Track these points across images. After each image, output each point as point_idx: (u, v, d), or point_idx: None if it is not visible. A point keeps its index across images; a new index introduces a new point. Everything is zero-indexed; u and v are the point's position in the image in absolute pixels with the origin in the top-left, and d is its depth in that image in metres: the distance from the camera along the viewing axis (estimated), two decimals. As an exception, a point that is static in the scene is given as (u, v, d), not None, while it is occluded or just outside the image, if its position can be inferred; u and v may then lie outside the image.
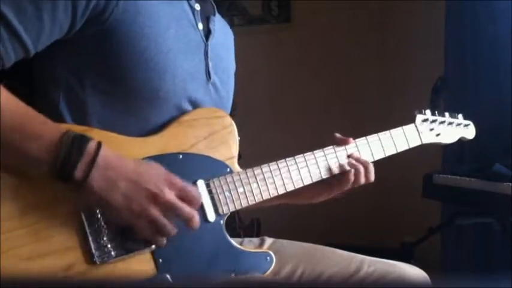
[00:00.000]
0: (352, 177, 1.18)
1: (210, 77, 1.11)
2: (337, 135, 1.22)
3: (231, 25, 1.29)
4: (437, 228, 2.42)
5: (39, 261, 0.89)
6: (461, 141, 1.45)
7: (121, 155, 0.92)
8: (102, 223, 0.93)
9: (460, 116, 1.44)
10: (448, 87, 2.44)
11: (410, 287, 1.11)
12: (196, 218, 0.95)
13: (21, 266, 0.87)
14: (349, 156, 1.20)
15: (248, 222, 2.78)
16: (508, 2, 2.23)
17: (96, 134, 0.94)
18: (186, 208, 0.93)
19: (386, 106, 3.09)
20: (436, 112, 1.38)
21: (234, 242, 1.07)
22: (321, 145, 1.19)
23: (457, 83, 2.50)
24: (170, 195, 0.92)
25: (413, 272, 1.21)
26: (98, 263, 0.92)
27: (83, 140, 0.88)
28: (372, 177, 1.21)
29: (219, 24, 1.18)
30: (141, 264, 0.96)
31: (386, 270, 1.19)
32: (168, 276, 0.97)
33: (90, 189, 0.88)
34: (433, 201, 2.41)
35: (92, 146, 0.88)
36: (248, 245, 1.27)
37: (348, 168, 1.18)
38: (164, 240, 0.95)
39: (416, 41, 3.00)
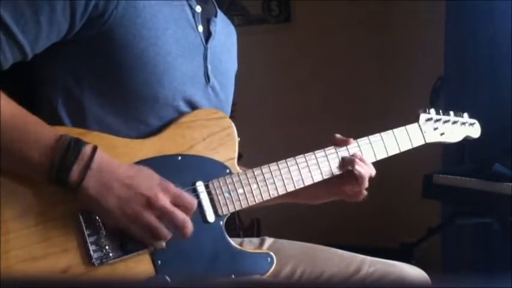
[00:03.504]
0: (359, 176, 1.16)
1: (209, 80, 1.10)
2: (338, 136, 1.20)
3: (231, 25, 1.29)
4: (437, 228, 2.42)
5: (37, 263, 0.88)
6: (462, 141, 1.44)
7: (116, 160, 0.92)
8: (100, 224, 0.92)
9: (466, 114, 1.41)
10: (448, 87, 2.44)
11: (411, 287, 1.11)
12: (189, 225, 0.94)
13: (19, 268, 0.87)
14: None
15: (248, 222, 2.77)
16: (508, 2, 2.22)
17: (93, 137, 0.94)
18: (180, 215, 0.93)
19: (386, 106, 3.09)
20: (441, 111, 1.35)
21: (234, 243, 1.07)
22: (321, 145, 1.18)
23: (457, 83, 2.49)
24: (164, 201, 0.92)
25: (413, 272, 1.21)
26: (96, 264, 0.92)
27: (79, 143, 0.88)
28: (373, 172, 1.19)
29: (221, 24, 1.16)
30: (139, 265, 0.96)
31: (387, 271, 1.19)
32: (167, 277, 0.97)
33: (85, 193, 0.88)
34: (433, 201, 2.41)
35: (87, 149, 0.88)
36: (248, 245, 1.27)
37: (350, 168, 1.16)
38: (163, 243, 0.94)
39: (416, 41, 3.00)
